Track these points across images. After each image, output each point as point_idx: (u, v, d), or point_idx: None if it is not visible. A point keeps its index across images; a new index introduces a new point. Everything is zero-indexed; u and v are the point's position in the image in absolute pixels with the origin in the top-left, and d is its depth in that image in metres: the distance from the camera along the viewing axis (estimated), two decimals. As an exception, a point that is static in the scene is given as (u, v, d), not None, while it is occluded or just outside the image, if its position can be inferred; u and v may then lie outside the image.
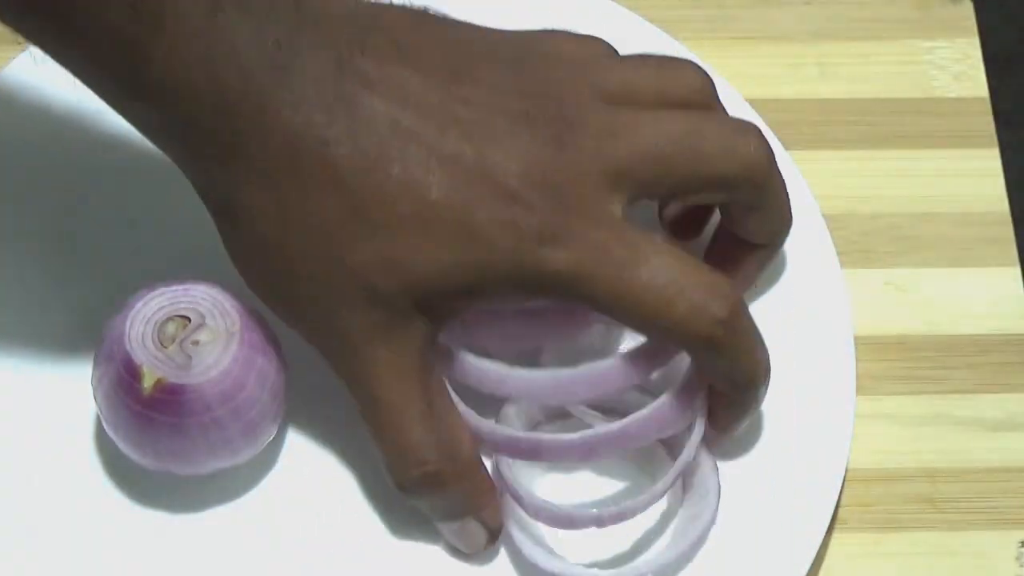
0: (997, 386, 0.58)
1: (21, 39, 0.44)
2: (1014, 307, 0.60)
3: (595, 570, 0.51)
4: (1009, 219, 0.62)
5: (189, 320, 0.49)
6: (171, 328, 0.49)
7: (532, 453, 0.51)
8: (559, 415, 0.54)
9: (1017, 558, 0.55)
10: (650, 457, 0.54)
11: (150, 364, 0.49)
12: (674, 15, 0.66)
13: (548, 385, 0.51)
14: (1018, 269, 0.61)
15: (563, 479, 0.54)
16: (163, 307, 0.50)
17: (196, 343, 0.49)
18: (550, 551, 0.52)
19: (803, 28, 0.67)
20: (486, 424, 0.52)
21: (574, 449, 0.51)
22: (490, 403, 0.53)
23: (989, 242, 0.61)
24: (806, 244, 0.58)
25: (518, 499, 0.52)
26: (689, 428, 0.52)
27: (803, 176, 0.59)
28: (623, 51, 0.62)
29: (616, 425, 0.51)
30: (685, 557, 0.52)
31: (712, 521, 0.52)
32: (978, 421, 0.57)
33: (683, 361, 0.52)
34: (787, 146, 0.60)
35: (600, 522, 0.51)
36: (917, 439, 0.57)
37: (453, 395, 0.52)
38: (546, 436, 0.51)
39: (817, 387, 0.55)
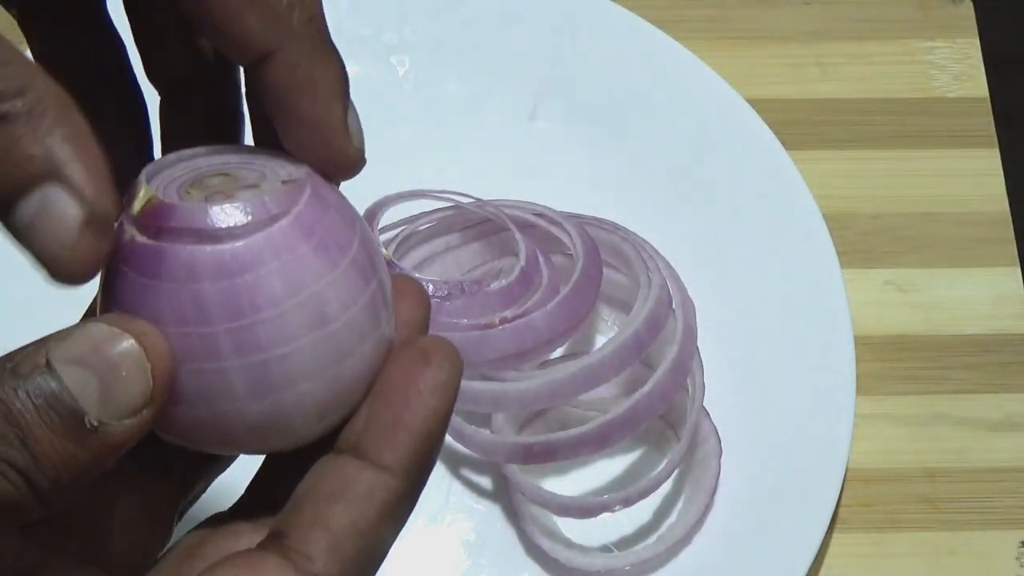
0: (997, 386, 0.58)
1: (21, 39, 0.44)
2: (1014, 307, 0.60)
3: (611, 554, 0.52)
4: (1009, 219, 0.62)
5: (238, 179, 0.32)
6: (215, 181, 0.32)
7: (546, 455, 0.52)
8: (542, 411, 0.55)
9: (1017, 558, 0.55)
10: (657, 437, 0.55)
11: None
12: (674, 15, 0.66)
13: (544, 392, 0.52)
14: (1018, 269, 0.61)
15: (569, 468, 0.55)
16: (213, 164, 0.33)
17: (230, 197, 0.31)
18: (567, 542, 0.53)
19: (803, 28, 0.67)
20: (495, 438, 0.53)
21: (588, 442, 0.51)
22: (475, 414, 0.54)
23: (989, 242, 0.61)
24: (806, 244, 0.58)
25: (529, 494, 0.52)
26: (690, 396, 0.53)
27: (803, 176, 0.59)
28: (624, 52, 0.62)
29: (623, 408, 0.51)
30: (695, 528, 0.53)
31: (715, 487, 0.53)
32: (978, 421, 0.57)
33: (671, 331, 0.53)
34: (787, 146, 0.60)
35: (611, 507, 0.52)
36: (917, 439, 0.57)
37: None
38: (556, 436, 0.52)
39: (817, 387, 0.55)
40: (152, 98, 0.37)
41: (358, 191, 0.57)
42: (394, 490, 0.31)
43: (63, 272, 0.30)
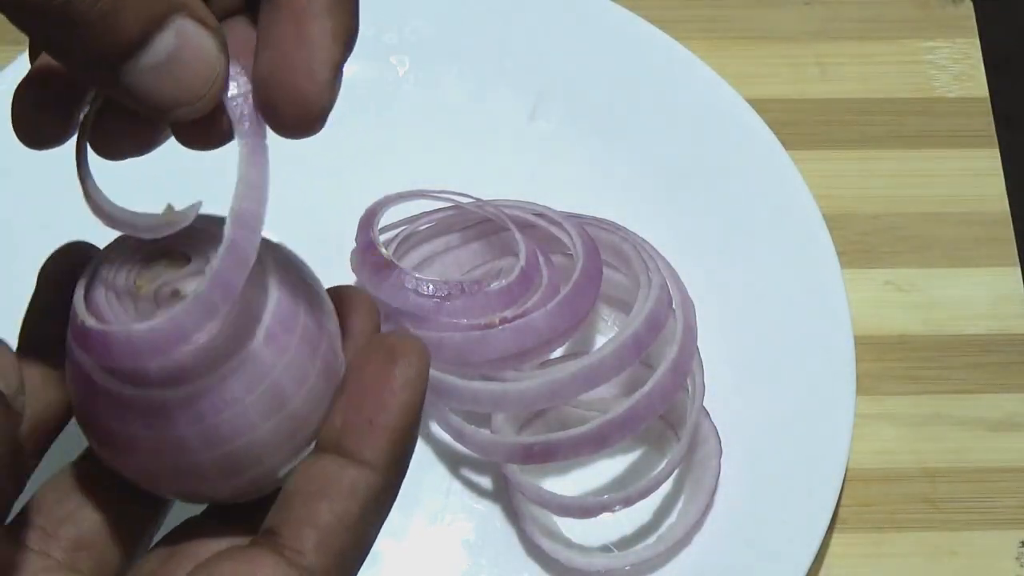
0: (997, 386, 0.58)
1: (21, 39, 0.44)
2: (1014, 307, 0.60)
3: (611, 554, 0.52)
4: (1009, 219, 0.62)
5: (188, 260, 0.33)
6: (158, 268, 0.33)
7: (546, 455, 0.52)
8: (542, 411, 0.55)
9: (1017, 558, 0.55)
10: (657, 437, 0.55)
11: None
12: (674, 15, 0.66)
13: (544, 392, 0.52)
14: (1018, 269, 0.61)
15: (569, 468, 0.55)
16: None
17: (176, 294, 0.32)
18: (567, 542, 0.53)
19: (803, 28, 0.67)
20: (495, 438, 0.52)
21: (587, 442, 0.51)
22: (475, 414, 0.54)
23: (989, 242, 0.61)
24: (806, 244, 0.58)
25: (529, 494, 0.52)
26: (689, 396, 0.53)
27: (803, 176, 0.59)
28: (623, 52, 0.62)
29: (623, 408, 0.51)
30: (695, 528, 0.53)
31: (715, 487, 0.53)
32: (978, 421, 0.57)
33: (671, 331, 0.53)
34: (787, 146, 0.60)
35: (611, 507, 0.52)
36: (917, 439, 0.57)
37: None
38: (556, 436, 0.52)
39: (817, 387, 0.55)
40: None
41: (358, 191, 0.57)
42: (375, 485, 0.32)
43: (211, 100, 0.31)
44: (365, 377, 0.33)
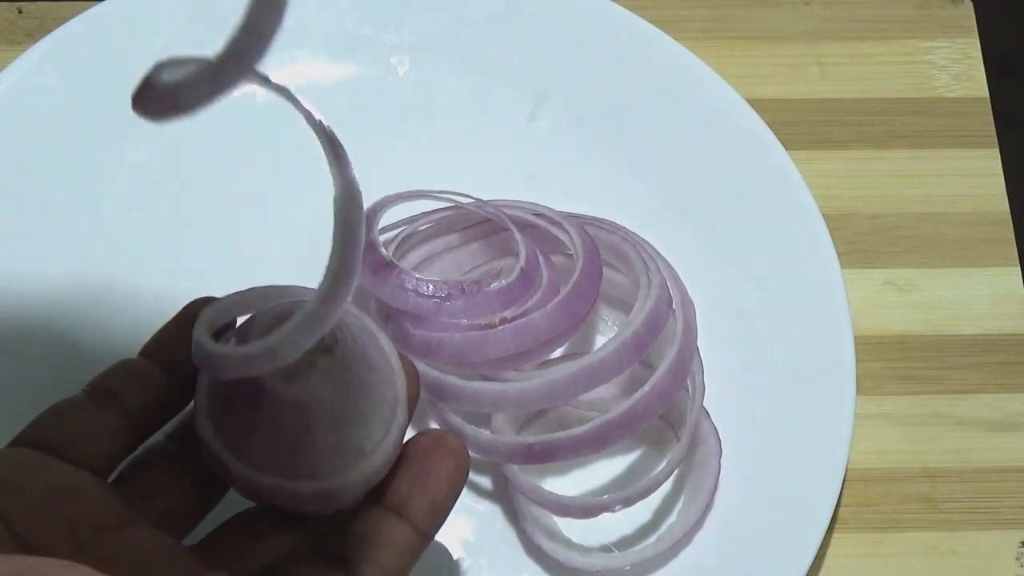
0: (997, 386, 0.58)
1: (21, 39, 0.44)
2: (1014, 307, 0.60)
3: (611, 554, 0.52)
4: (1009, 219, 0.62)
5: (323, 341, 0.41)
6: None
7: (546, 455, 0.52)
8: (542, 411, 0.55)
9: (1017, 558, 0.55)
10: (657, 437, 0.55)
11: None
12: (674, 15, 0.66)
13: (544, 392, 0.52)
14: (1018, 269, 0.61)
15: (569, 468, 0.55)
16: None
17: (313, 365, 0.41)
18: (567, 542, 0.53)
19: (803, 28, 0.67)
20: (495, 438, 0.52)
21: (587, 442, 0.51)
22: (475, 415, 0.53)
23: (989, 242, 0.61)
24: (806, 244, 0.58)
25: (529, 494, 0.52)
26: (690, 396, 0.53)
27: (803, 176, 0.59)
28: (623, 52, 0.62)
29: (623, 408, 0.51)
30: (695, 528, 0.53)
31: (715, 486, 0.53)
32: (978, 421, 0.57)
33: (671, 331, 0.53)
34: (787, 146, 0.60)
35: (611, 507, 0.51)
36: (917, 439, 0.57)
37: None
38: (556, 436, 0.51)
39: (817, 387, 0.55)
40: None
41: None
42: (421, 546, 0.43)
43: None
44: (429, 465, 0.43)
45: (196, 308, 0.44)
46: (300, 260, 0.50)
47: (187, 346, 0.41)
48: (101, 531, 0.40)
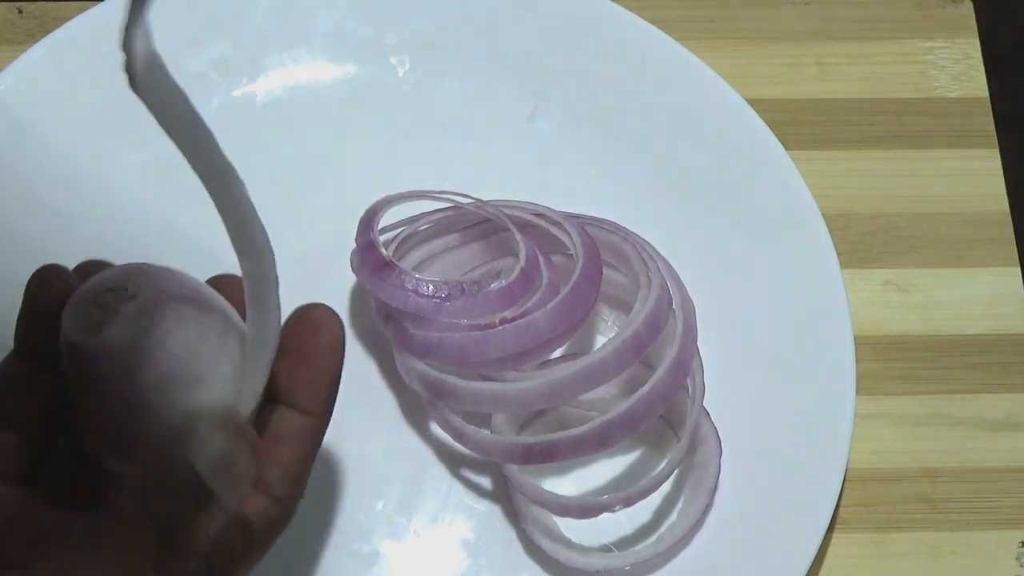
0: (997, 386, 0.58)
1: (21, 39, 0.44)
2: (1014, 307, 0.60)
3: (611, 554, 0.52)
4: (1009, 219, 0.62)
5: (126, 291, 0.43)
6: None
7: (546, 455, 0.52)
8: (542, 411, 0.55)
9: (1017, 558, 0.55)
10: (657, 437, 0.55)
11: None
12: (674, 15, 0.66)
13: (544, 392, 0.52)
14: (1018, 269, 0.61)
15: (569, 468, 0.55)
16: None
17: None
18: (567, 542, 0.53)
19: (803, 28, 0.67)
20: (495, 438, 0.52)
21: (587, 442, 0.51)
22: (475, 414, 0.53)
23: (989, 242, 0.61)
24: (806, 244, 0.58)
25: (529, 494, 0.52)
26: (690, 396, 0.53)
27: (803, 176, 0.59)
28: (623, 52, 0.62)
29: (623, 408, 0.51)
30: (695, 528, 0.53)
31: (715, 486, 0.53)
32: (978, 421, 0.57)
33: (671, 331, 0.53)
34: (787, 146, 0.60)
35: (611, 507, 0.52)
36: (917, 439, 0.57)
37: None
38: (556, 436, 0.51)
39: (817, 387, 0.55)
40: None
41: (358, 191, 0.57)
42: (317, 426, 0.43)
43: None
44: (301, 344, 0.43)
45: (38, 291, 0.44)
46: (300, 260, 0.50)
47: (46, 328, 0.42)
48: None
